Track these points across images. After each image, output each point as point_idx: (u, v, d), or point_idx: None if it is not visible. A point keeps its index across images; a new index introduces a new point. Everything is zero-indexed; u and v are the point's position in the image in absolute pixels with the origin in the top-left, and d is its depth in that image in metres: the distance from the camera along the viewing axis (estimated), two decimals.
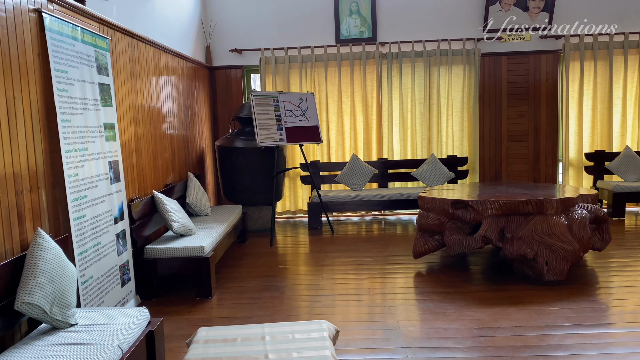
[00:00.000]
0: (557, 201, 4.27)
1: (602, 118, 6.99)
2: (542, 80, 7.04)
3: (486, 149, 7.19)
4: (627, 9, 6.84)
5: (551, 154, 7.15)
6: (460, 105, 7.08)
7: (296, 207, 7.31)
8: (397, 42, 6.96)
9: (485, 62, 7.07)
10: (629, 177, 6.64)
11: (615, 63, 6.90)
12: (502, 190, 4.86)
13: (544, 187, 5.05)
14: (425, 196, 4.71)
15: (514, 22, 6.87)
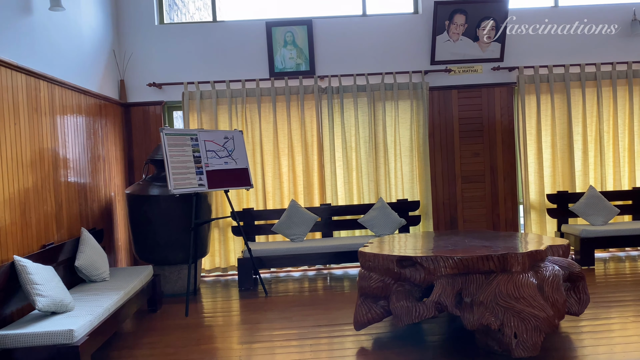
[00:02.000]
0: (524, 255, 3.49)
1: (562, 156, 6.41)
2: (497, 116, 6.45)
3: (439, 192, 6.47)
4: (582, 39, 6.40)
5: (510, 195, 6.49)
6: (409, 143, 6.38)
7: (227, 264, 6.33)
8: (337, 75, 6.27)
9: (434, 96, 6.44)
10: (596, 220, 6.01)
11: (573, 97, 6.39)
12: (458, 242, 4.06)
13: (506, 236, 4.29)
14: (367, 252, 3.85)
15: (463, 53, 6.31)
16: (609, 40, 6.39)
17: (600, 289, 4.90)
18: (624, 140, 6.43)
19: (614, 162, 6.38)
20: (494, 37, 6.27)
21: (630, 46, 6.39)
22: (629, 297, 4.56)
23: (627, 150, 6.42)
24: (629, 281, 5.13)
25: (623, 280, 5.20)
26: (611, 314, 4.15)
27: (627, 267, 5.75)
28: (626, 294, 4.67)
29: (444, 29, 6.22)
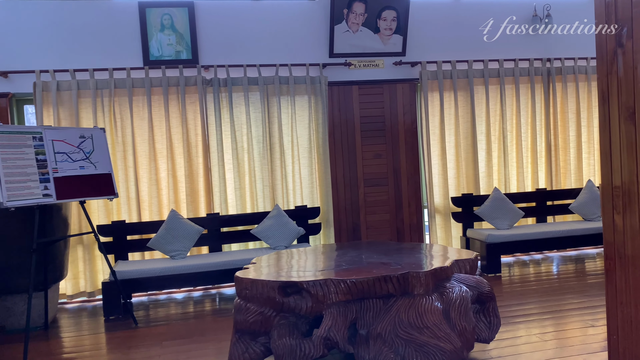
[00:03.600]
0: (427, 275, 2.96)
1: (466, 156, 6.10)
2: (400, 114, 6.01)
3: (341, 197, 5.91)
4: (486, 34, 6.13)
5: (414, 199, 6.07)
6: (307, 144, 5.75)
7: (95, 287, 5.34)
8: (224, 65, 5.50)
9: (333, 92, 5.87)
10: (501, 224, 5.74)
11: (477, 94, 6.10)
12: (354, 259, 3.46)
13: (409, 249, 3.77)
14: (243, 277, 3.13)
15: (364, 45, 5.79)
16: (511, 36, 6.18)
17: (506, 300, 4.55)
18: (527, 140, 6.25)
19: (517, 162, 6.17)
20: (395, 29, 5.81)
21: (532, 43, 6.22)
22: (534, 310, 4.23)
23: (530, 150, 6.24)
24: (534, 289, 4.85)
25: (528, 288, 4.91)
26: (518, 331, 3.76)
27: (532, 272, 5.52)
28: (531, 306, 4.35)
29: (342, 18, 5.67)
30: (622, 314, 2.13)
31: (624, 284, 2.12)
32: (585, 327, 3.75)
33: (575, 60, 6.21)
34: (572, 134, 6.29)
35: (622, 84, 2.06)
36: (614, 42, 2.09)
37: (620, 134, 2.10)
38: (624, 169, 2.11)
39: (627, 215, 2.10)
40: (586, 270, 5.47)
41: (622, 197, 2.11)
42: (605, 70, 2.16)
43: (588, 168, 6.37)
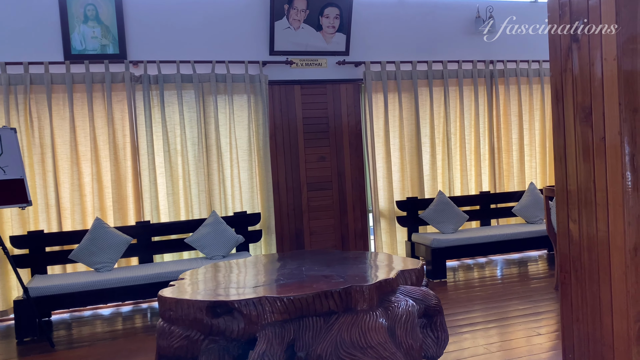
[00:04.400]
0: (371, 289, 2.72)
1: (411, 159, 5.97)
2: (344, 115, 5.80)
3: (283, 202, 5.63)
4: (430, 35, 6.02)
5: (359, 203, 5.87)
6: (247, 146, 5.43)
7: (8, 305, 4.79)
8: (155, 61, 5.09)
9: (274, 91, 5.58)
10: (446, 228, 5.64)
11: (421, 96, 5.98)
12: (293, 272, 3.19)
13: (352, 258, 3.53)
14: (167, 297, 2.78)
15: (306, 43, 5.54)
16: (455, 37, 6.11)
17: (452, 308, 4.41)
18: (471, 142, 6.19)
19: (461, 165, 6.10)
20: (338, 28, 5.60)
21: (475, 44, 6.17)
22: (479, 318, 4.11)
23: (473, 153, 6.19)
24: (479, 295, 4.75)
25: (473, 294, 4.80)
26: (464, 342, 3.61)
27: (476, 277, 5.44)
28: (476, 314, 4.23)
29: (283, 14, 5.39)
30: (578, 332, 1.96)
31: (580, 300, 1.95)
32: (531, 336, 3.64)
33: (517, 63, 6.21)
34: (515, 137, 6.29)
35: (578, 82, 1.89)
36: (568, 37, 1.92)
37: (576, 136, 1.93)
38: (579, 173, 1.95)
39: (583, 224, 1.93)
40: (529, 274, 5.45)
41: (578, 204, 1.95)
42: (559, 68, 1.99)
43: (530, 171, 6.40)
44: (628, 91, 1.74)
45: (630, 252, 1.76)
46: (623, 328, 1.78)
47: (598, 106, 1.82)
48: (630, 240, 1.76)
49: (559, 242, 2.06)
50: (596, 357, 1.91)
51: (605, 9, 1.71)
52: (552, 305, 4.32)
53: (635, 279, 1.76)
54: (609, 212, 1.82)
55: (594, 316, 1.90)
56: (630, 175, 1.75)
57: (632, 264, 1.76)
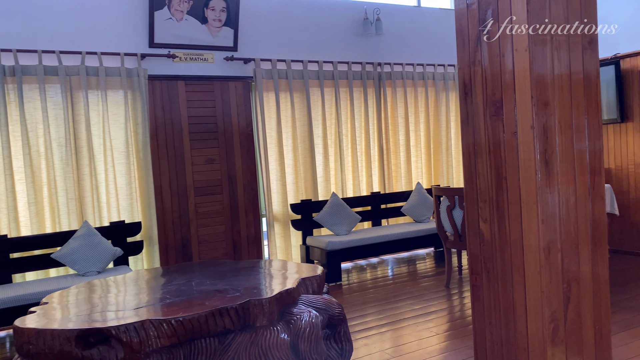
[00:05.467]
0: (271, 301, 2.47)
1: (304, 161, 5.81)
2: (234, 115, 5.47)
3: (167, 209, 5.16)
4: (320, 34, 5.91)
5: (252, 207, 5.58)
6: (124, 147, 4.89)
7: None
8: (11, 50, 4.39)
9: (155, 87, 5.10)
10: (340, 230, 5.55)
11: (313, 96, 5.85)
12: (182, 288, 2.83)
13: (248, 268, 3.25)
14: (24, 327, 2.29)
15: (190, 36, 5.14)
16: (345, 38, 6.06)
17: (347, 313, 4.30)
18: (361, 143, 6.19)
19: (353, 166, 6.07)
20: (225, 21, 5.27)
21: (363, 46, 6.18)
22: (373, 322, 4.04)
23: (364, 154, 6.19)
24: (372, 296, 4.71)
25: (367, 296, 4.75)
26: (359, 349, 3.49)
27: (369, 278, 5.42)
28: (371, 317, 4.16)
29: (164, 3, 4.94)
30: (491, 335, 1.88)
31: (493, 302, 1.87)
32: (423, 339, 3.62)
33: (403, 66, 6.34)
34: (402, 138, 6.41)
35: (487, 74, 1.81)
36: (477, 27, 1.83)
37: (486, 131, 1.84)
38: (490, 171, 1.86)
39: (494, 223, 1.85)
40: (419, 272, 5.54)
41: (489, 203, 1.86)
42: (467, 60, 1.90)
43: (417, 171, 6.56)
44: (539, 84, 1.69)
45: (544, 251, 1.71)
46: (538, 329, 1.72)
47: (509, 100, 1.75)
48: (543, 239, 1.71)
49: (469, 243, 1.97)
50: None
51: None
52: (443, 303, 4.38)
53: (549, 279, 1.72)
54: (522, 210, 1.76)
55: (507, 318, 1.83)
56: (543, 171, 1.70)
57: (546, 264, 1.71)
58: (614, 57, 5.60)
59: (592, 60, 1.79)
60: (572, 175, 1.78)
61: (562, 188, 1.77)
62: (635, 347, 3.17)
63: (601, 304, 1.83)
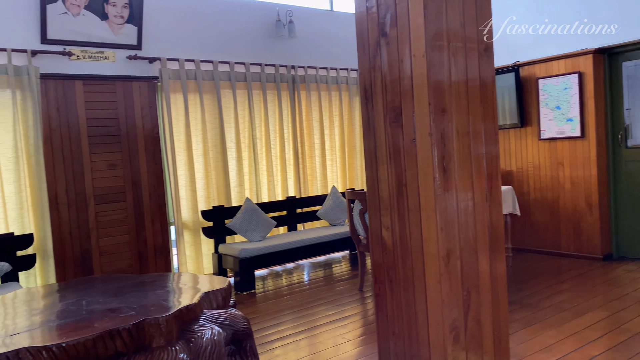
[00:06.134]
0: (169, 319, 2.29)
1: (216, 165, 5.60)
2: (138, 117, 5.16)
3: (64, 218, 4.75)
4: (231, 35, 5.73)
5: (159, 215, 5.29)
6: (12, 152, 4.44)
7: None
8: None
9: (49, 87, 4.69)
10: (254, 236, 5.41)
11: (224, 98, 5.66)
12: (70, 308, 2.56)
13: (149, 283, 3.03)
14: None
15: (89, 33, 4.78)
16: (257, 39, 5.93)
17: (262, 322, 4.17)
18: (276, 147, 6.08)
19: (268, 170, 5.95)
20: (127, 18, 4.95)
21: (277, 48, 6.08)
22: (289, 330, 3.96)
23: (279, 158, 6.09)
24: (288, 303, 4.62)
25: (282, 303, 4.65)
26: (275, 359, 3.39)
27: (285, 285, 5.32)
28: (286, 325, 4.07)
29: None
30: (394, 346, 1.84)
31: (396, 312, 1.83)
32: (339, 344, 3.59)
33: (317, 70, 6.32)
34: (317, 142, 6.39)
35: (387, 80, 1.77)
36: (376, 31, 1.79)
37: (387, 137, 1.80)
38: (391, 177, 1.82)
39: (396, 231, 1.81)
40: (335, 276, 5.53)
41: (390, 210, 1.82)
42: (367, 65, 1.85)
43: (332, 175, 6.56)
44: (437, 90, 1.67)
45: (443, 258, 1.69)
46: (439, 339, 1.70)
47: (408, 106, 1.72)
48: (443, 246, 1.69)
49: (372, 251, 1.92)
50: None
51: (413, 1, 1.61)
52: (357, 307, 4.37)
53: (449, 287, 1.70)
54: (422, 218, 1.73)
55: (410, 329, 1.80)
56: (441, 178, 1.68)
57: (445, 271, 1.69)
58: (514, 64, 5.91)
59: (488, 66, 1.81)
60: (470, 181, 1.78)
61: (461, 194, 1.76)
62: (534, 344, 3.31)
63: (500, 310, 1.84)
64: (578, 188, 5.45)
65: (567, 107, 5.46)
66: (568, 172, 5.53)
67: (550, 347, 3.23)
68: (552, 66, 5.58)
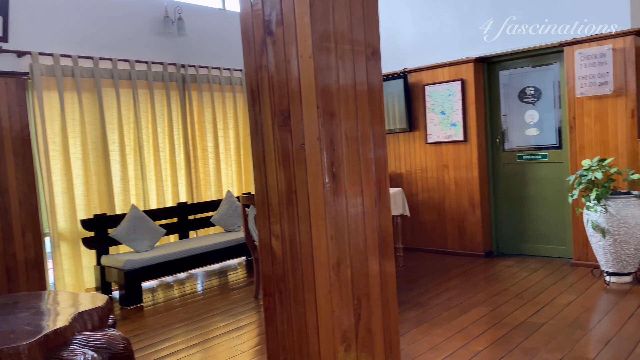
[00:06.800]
0: (32, 347, 2.01)
1: (97, 170, 5.17)
2: (4, 117, 4.60)
3: None
4: (114, 30, 5.32)
5: (31, 226, 4.76)
6: None
7: None
8: None
9: None
10: (141, 246, 5.06)
11: (106, 98, 5.24)
12: None
13: (12, 305, 2.66)
14: None
15: None
16: (143, 35, 5.57)
17: (150, 338, 3.89)
18: (165, 150, 5.76)
19: (156, 175, 5.62)
20: None
21: (165, 46, 5.77)
22: (181, 344, 3.74)
23: (168, 162, 5.78)
24: (180, 316, 4.37)
25: (174, 317, 4.39)
26: None
27: (177, 296, 5.04)
28: (178, 339, 3.83)
29: None
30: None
31: (286, 326, 1.74)
32: (236, 355, 3.44)
33: (209, 69, 6.09)
34: (210, 145, 6.15)
35: (274, 81, 1.67)
36: (262, 29, 1.69)
37: (275, 142, 1.71)
38: (280, 184, 1.73)
39: (286, 240, 1.72)
40: (230, 284, 5.35)
41: (280, 218, 1.73)
42: (254, 65, 1.74)
43: (227, 179, 6.36)
44: (325, 93, 1.60)
45: (334, 267, 1.63)
46: (330, 351, 1.64)
47: (296, 109, 1.64)
48: (333, 255, 1.63)
49: (261, 262, 1.82)
50: None
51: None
52: (252, 316, 4.24)
53: (340, 297, 1.64)
54: (312, 225, 1.65)
55: (300, 343, 1.72)
56: (331, 184, 1.62)
57: (336, 281, 1.63)
58: (402, 71, 6.12)
59: (376, 70, 1.79)
60: (360, 186, 1.75)
61: (350, 200, 1.72)
62: (424, 343, 3.40)
63: (390, 317, 1.83)
64: (462, 189, 5.77)
65: (451, 113, 5.76)
66: (452, 174, 5.83)
67: (439, 346, 3.34)
68: (438, 73, 5.86)
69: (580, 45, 4.82)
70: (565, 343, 3.24)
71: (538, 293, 4.30)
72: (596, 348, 3.13)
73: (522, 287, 4.50)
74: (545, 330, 3.46)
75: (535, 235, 5.53)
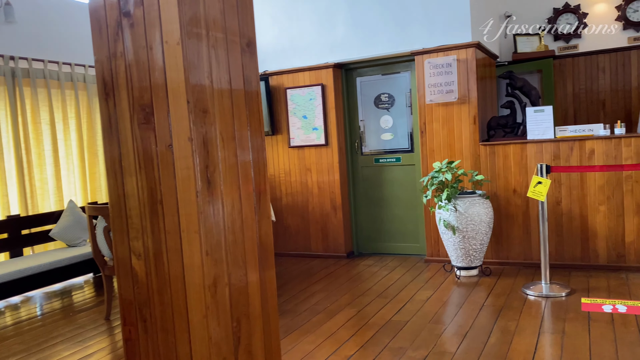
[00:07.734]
0: None
1: None
2: None
3: None
4: None
5: None
6: None
7: None
8: None
9: None
10: None
11: None
12: None
13: None
14: None
15: None
16: None
17: None
18: None
19: None
20: None
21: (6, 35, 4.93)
22: None
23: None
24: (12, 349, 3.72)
25: (4, 349, 3.73)
26: None
27: (8, 324, 4.31)
28: None
29: None
30: None
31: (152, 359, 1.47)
32: None
33: (45, 63, 5.35)
34: (48, 149, 5.41)
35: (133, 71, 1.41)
36: (117, 9, 1.41)
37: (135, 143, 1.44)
38: (142, 193, 1.46)
39: (150, 259, 1.46)
40: (76, 306, 4.73)
41: (143, 234, 1.47)
42: (106, 52, 1.46)
43: (69, 187, 5.65)
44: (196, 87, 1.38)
45: (210, 288, 1.42)
46: None
47: (161, 104, 1.40)
48: (209, 274, 1.42)
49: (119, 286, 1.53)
50: None
51: None
52: (104, 341, 3.77)
53: (218, 321, 1.43)
54: (182, 240, 1.42)
55: None
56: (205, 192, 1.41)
57: (212, 303, 1.42)
58: (263, 73, 6.00)
59: (252, 64, 1.61)
60: (238, 194, 1.56)
61: (227, 210, 1.52)
62: (296, 353, 3.29)
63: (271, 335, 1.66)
64: (324, 192, 5.82)
65: (312, 117, 5.79)
66: (315, 178, 5.86)
67: (311, 354, 3.25)
68: (299, 77, 5.85)
69: (429, 55, 5.14)
70: (428, 339, 3.36)
71: (399, 291, 4.46)
72: (456, 342, 3.30)
73: (383, 285, 4.64)
74: (410, 329, 3.58)
75: (392, 234, 5.79)
